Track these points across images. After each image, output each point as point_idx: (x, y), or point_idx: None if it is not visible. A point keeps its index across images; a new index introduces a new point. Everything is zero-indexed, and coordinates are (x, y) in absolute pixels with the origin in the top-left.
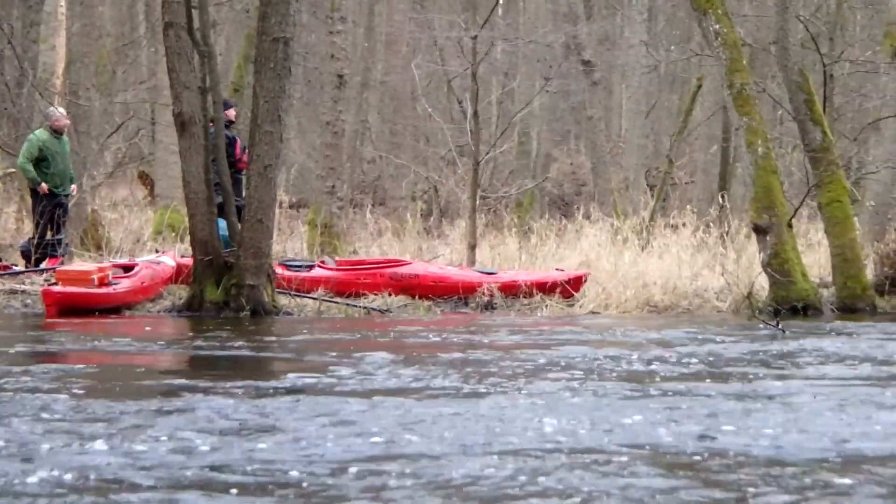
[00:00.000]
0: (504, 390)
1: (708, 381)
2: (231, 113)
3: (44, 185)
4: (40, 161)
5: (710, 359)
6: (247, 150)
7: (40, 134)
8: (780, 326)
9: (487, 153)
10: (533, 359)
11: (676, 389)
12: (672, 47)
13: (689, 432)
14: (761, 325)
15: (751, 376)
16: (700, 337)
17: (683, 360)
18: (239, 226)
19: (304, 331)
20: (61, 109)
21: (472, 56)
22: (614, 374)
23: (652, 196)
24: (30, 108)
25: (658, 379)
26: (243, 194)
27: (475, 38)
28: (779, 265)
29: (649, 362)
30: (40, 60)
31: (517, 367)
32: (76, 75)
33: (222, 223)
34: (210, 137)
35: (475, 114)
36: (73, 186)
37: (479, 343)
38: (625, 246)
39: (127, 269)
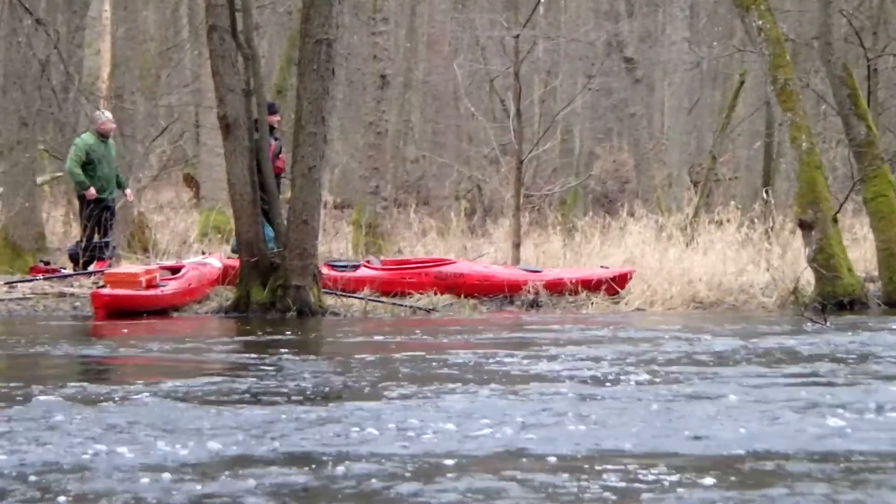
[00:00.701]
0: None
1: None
2: (273, 118)
3: (92, 189)
4: (86, 165)
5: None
6: (281, 155)
7: (87, 138)
8: (826, 322)
9: (530, 151)
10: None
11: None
12: (714, 43)
13: None
14: (808, 322)
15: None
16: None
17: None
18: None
19: (385, 330)
20: (107, 113)
21: (514, 55)
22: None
23: (696, 192)
24: (75, 112)
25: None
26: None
27: (517, 37)
28: (824, 260)
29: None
30: (85, 65)
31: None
32: (121, 79)
33: (267, 228)
34: (254, 140)
35: (518, 112)
36: (128, 192)
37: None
38: (669, 242)
39: (174, 270)
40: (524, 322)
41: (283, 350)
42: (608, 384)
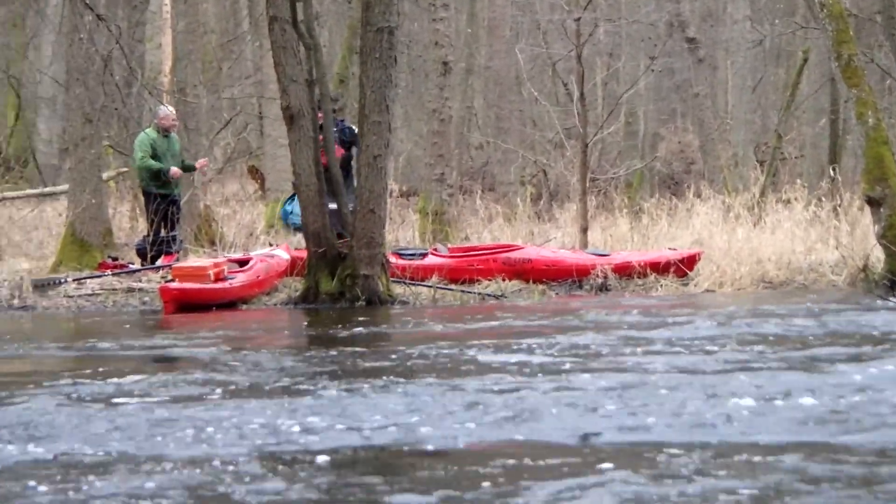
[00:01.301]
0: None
1: None
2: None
3: (174, 168)
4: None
5: None
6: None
7: (150, 132)
8: None
9: (595, 135)
10: None
11: None
12: (776, 21)
13: None
14: (878, 300)
15: None
16: None
17: None
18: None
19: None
20: (170, 108)
21: (576, 38)
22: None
23: (762, 172)
24: (139, 107)
25: None
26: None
27: (578, 19)
28: (894, 237)
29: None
30: (146, 60)
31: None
32: (183, 73)
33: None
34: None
35: (582, 96)
36: (200, 161)
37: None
38: (737, 222)
39: (242, 263)
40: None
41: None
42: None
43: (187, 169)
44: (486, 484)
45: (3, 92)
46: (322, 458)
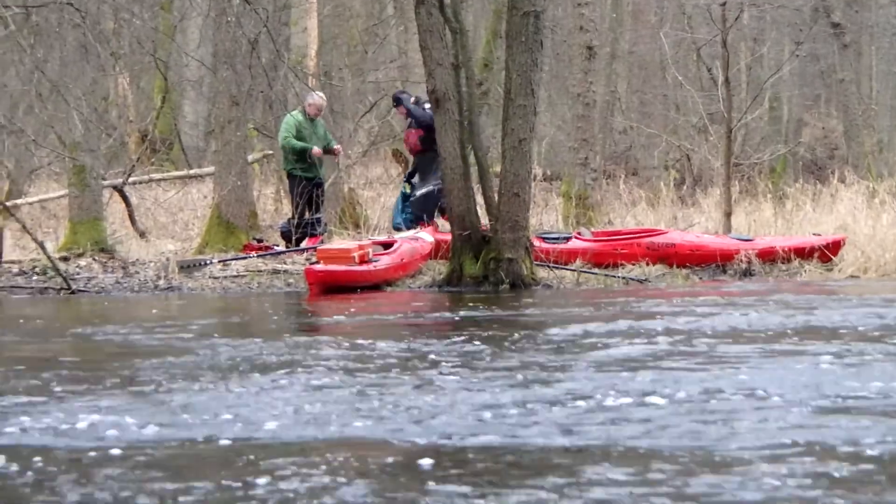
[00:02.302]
0: None
1: None
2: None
3: (316, 148)
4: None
5: None
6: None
7: (296, 115)
8: None
9: (740, 120)
10: None
11: None
12: None
13: None
14: None
15: None
16: None
17: None
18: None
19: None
20: (320, 94)
21: (721, 23)
22: None
23: None
24: (284, 90)
25: None
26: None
27: (724, 4)
28: None
29: None
30: (292, 43)
31: None
32: (328, 56)
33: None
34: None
35: (726, 81)
36: (337, 147)
37: None
38: (882, 208)
39: (386, 245)
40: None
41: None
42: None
43: (328, 151)
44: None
45: (150, 75)
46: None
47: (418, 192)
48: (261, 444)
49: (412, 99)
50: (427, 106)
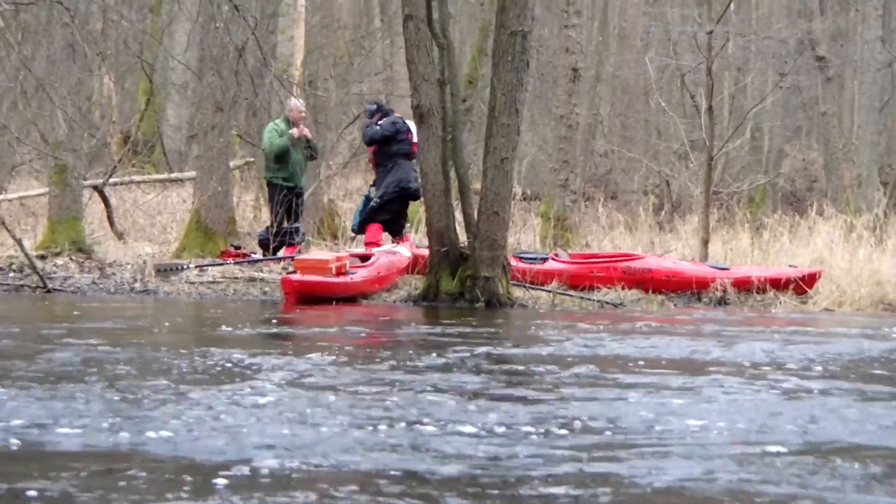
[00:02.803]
0: None
1: None
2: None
3: (295, 130)
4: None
5: None
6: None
7: (279, 123)
8: None
9: (721, 148)
10: None
11: None
12: None
13: None
14: None
15: None
16: None
17: None
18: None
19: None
20: (301, 101)
21: (707, 51)
22: None
23: (884, 193)
24: (269, 98)
25: None
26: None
27: (710, 32)
28: None
29: None
30: (278, 51)
31: None
32: (313, 66)
33: None
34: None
35: (710, 108)
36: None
37: None
38: (859, 243)
39: (364, 258)
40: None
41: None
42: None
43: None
44: None
45: (135, 76)
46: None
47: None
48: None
49: (373, 109)
50: (391, 120)
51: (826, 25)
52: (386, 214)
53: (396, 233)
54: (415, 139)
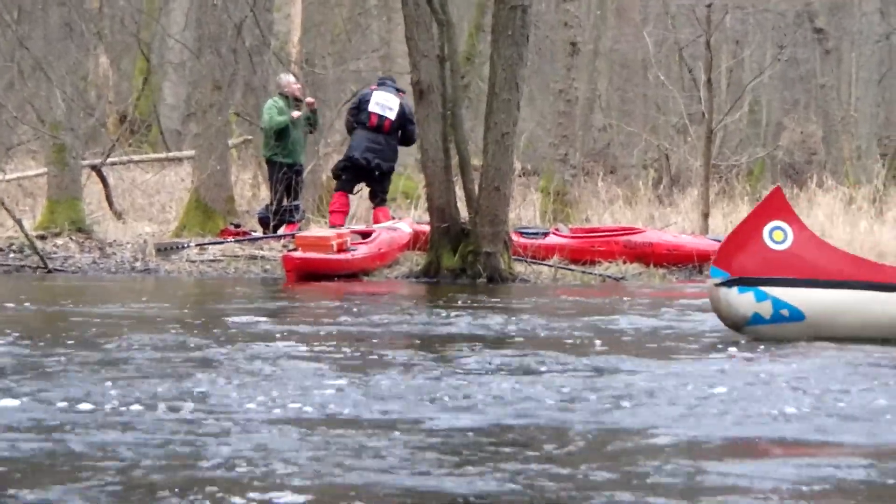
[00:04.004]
0: None
1: None
2: None
3: (295, 113)
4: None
5: None
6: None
7: (277, 100)
8: None
9: (720, 122)
10: None
11: None
12: None
13: None
14: None
15: None
16: None
17: None
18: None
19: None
20: (291, 76)
21: (705, 24)
22: None
23: (884, 165)
24: (265, 76)
25: None
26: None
27: (710, 6)
28: None
29: None
30: (275, 29)
31: None
32: (311, 44)
33: None
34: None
35: (708, 82)
36: (311, 99)
37: None
38: (858, 214)
39: (364, 235)
40: None
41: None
42: None
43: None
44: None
45: (131, 55)
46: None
47: None
48: None
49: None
50: (363, 91)
51: None
52: (344, 184)
53: (374, 202)
54: (373, 109)
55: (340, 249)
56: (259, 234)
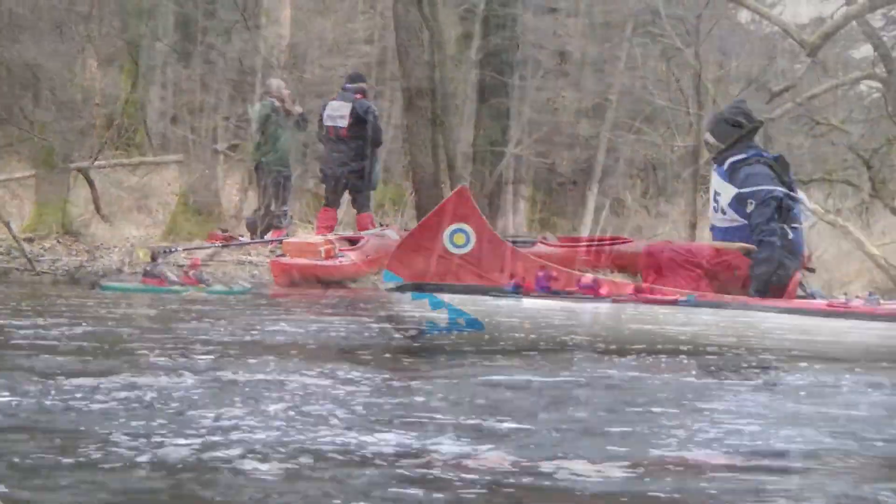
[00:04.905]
0: None
1: None
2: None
3: (297, 108)
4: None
5: None
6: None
7: (266, 104)
8: None
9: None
10: None
11: None
12: None
13: None
14: None
15: None
16: None
17: None
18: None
19: None
20: (279, 81)
21: (695, 34)
22: None
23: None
24: (253, 81)
25: None
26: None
27: (699, 16)
28: None
29: None
30: (262, 35)
31: None
32: (300, 49)
33: None
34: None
35: (697, 91)
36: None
37: None
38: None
39: (353, 241)
40: None
41: None
42: None
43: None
44: None
45: (118, 59)
46: None
47: None
48: None
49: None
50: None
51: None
52: (327, 198)
53: (355, 207)
54: (326, 122)
55: (329, 256)
56: (247, 239)
